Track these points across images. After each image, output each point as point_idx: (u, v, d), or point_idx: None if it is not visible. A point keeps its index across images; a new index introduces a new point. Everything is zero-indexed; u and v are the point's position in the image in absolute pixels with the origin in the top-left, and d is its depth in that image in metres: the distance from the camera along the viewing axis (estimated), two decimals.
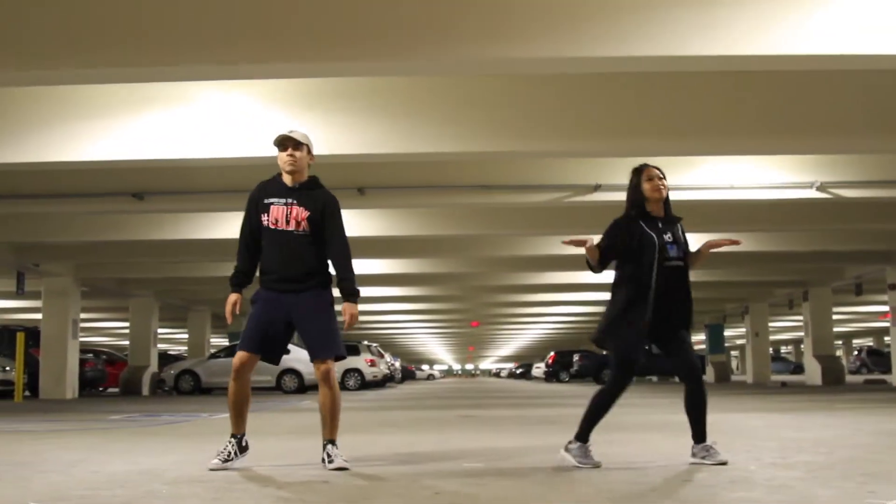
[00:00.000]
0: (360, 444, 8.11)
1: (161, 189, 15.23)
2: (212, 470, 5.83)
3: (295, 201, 6.05)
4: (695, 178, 14.82)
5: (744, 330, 39.78)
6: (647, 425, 10.17)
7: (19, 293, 23.79)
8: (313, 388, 27.94)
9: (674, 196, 15.61)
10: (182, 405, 17.60)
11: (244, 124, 11.69)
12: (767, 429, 9.59)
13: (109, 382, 30.52)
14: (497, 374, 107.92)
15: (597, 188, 14.92)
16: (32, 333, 24.86)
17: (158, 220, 18.71)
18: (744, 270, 28.09)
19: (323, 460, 5.99)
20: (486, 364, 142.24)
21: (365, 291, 27.38)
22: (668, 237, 6.07)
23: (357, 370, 32.20)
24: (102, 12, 8.85)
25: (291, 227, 6.00)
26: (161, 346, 37.35)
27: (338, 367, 24.05)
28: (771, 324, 42.80)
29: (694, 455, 5.94)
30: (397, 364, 48.36)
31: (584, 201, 15.40)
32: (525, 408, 15.72)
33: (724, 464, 5.77)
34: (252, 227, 6.14)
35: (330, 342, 6.04)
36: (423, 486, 5.15)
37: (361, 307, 27.09)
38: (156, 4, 8.81)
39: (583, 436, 6.01)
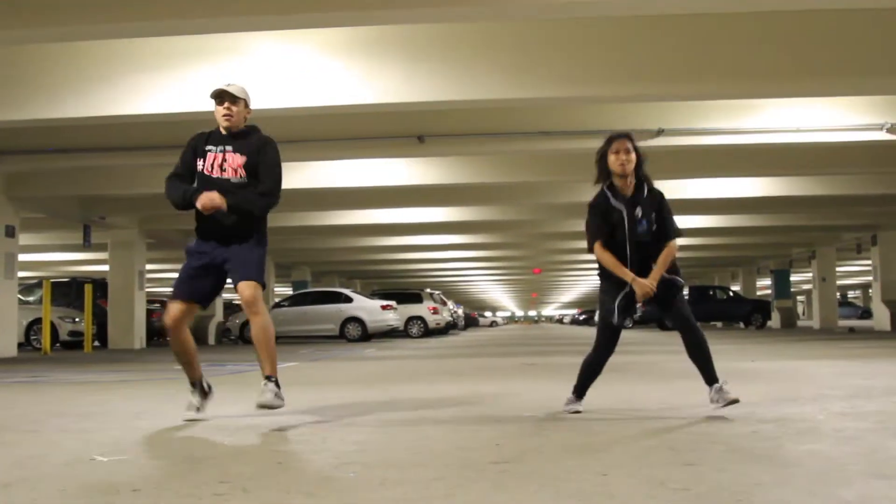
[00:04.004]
0: (422, 392, 8.13)
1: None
2: (187, 421, 5.95)
3: (231, 148, 5.97)
4: (760, 121, 14.55)
5: (810, 275, 39.23)
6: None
7: (86, 245, 24.15)
8: (377, 336, 28.17)
9: (738, 140, 15.47)
10: (247, 354, 17.78)
11: (302, 74, 11.67)
12: (835, 376, 9.43)
13: None
14: (560, 321, 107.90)
15: (660, 133, 14.69)
16: (100, 285, 25.30)
17: None
18: (810, 215, 27.62)
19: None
20: (549, 311, 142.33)
21: (426, 239, 27.62)
22: (637, 212, 5.94)
23: (420, 318, 32.40)
24: None
25: (228, 175, 5.92)
26: (226, 295, 37.76)
27: (401, 315, 24.13)
28: (838, 268, 42.19)
29: (711, 400, 5.83)
30: (460, 311, 48.51)
31: (646, 146, 15.03)
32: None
33: (735, 401, 5.70)
34: (186, 164, 6.08)
35: (253, 267, 5.92)
36: (484, 437, 5.12)
37: (424, 255, 27.43)
38: None
39: (579, 391, 6.23)
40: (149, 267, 28.06)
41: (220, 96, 6.01)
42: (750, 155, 17.65)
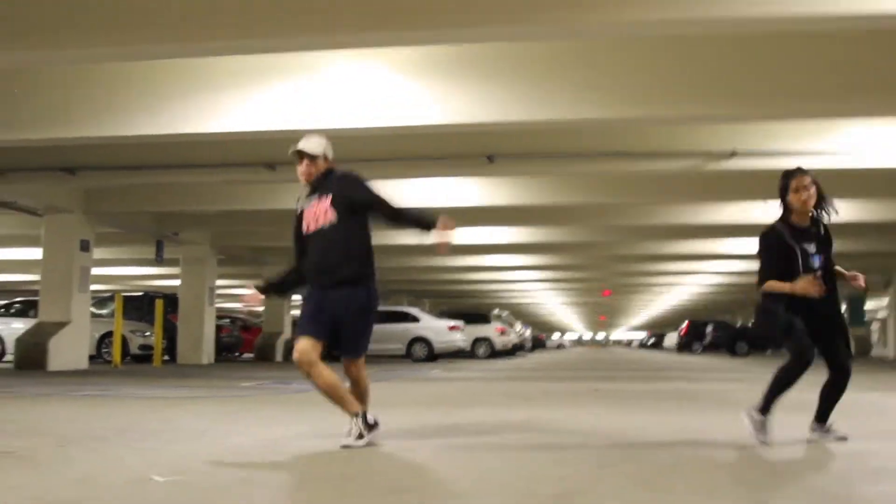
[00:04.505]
0: (486, 417, 8.03)
1: (293, 159, 15.35)
2: (345, 447, 5.68)
3: (317, 196, 6.10)
4: (834, 143, 14.19)
5: (886, 301, 38.34)
6: (788, 404, 9.78)
7: (158, 261, 24.44)
8: (443, 356, 28.10)
9: (814, 162, 15.10)
10: None
11: (375, 93, 11.66)
12: None
13: (245, 348, 31.25)
14: (628, 344, 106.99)
15: (733, 155, 14.44)
16: (171, 300, 25.56)
17: (292, 189, 18.90)
18: (886, 240, 26.98)
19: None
20: (618, 333, 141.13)
21: (495, 259, 27.33)
22: (811, 248, 6.01)
23: (487, 339, 32.19)
24: None
25: (321, 223, 6.01)
26: (295, 312, 37.98)
27: (468, 335, 24.27)
28: None
29: (812, 429, 6.11)
30: (527, 333, 48.20)
31: (719, 168, 14.94)
32: (656, 381, 15.42)
33: (844, 439, 5.91)
34: (296, 236, 6.26)
35: (361, 340, 6.08)
36: (547, 467, 5.00)
37: (493, 275, 27.11)
38: None
39: (765, 408, 6.00)
40: (219, 282, 28.33)
41: (299, 155, 6.12)
42: (824, 178, 17.11)
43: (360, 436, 5.74)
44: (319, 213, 6.01)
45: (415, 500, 3.99)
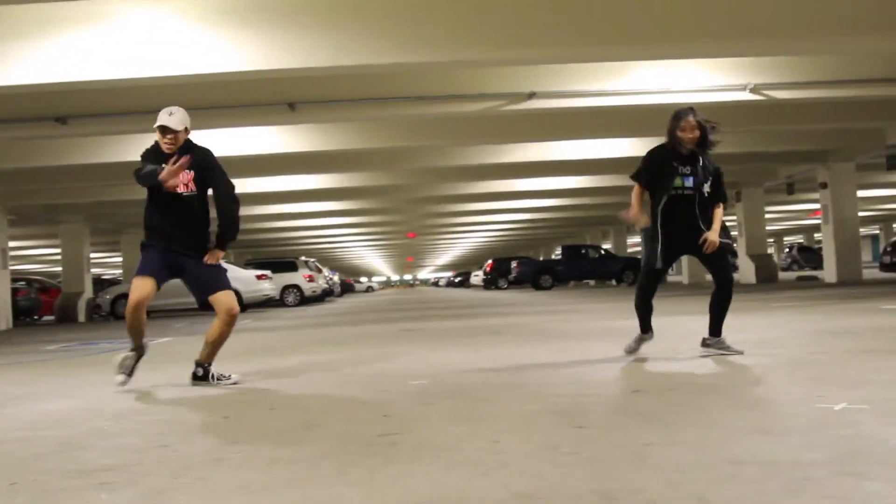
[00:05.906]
0: (303, 364, 8.03)
1: (85, 112, 14.82)
2: (121, 385, 6.46)
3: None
4: (628, 83, 14.76)
5: None
6: (591, 332, 10.20)
7: None
8: (252, 306, 27.83)
9: (608, 102, 15.62)
10: (119, 330, 17.33)
11: (170, 42, 11.36)
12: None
13: (44, 310, 30.11)
14: (436, 284, 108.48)
15: (531, 96, 14.79)
16: None
17: (85, 143, 18.26)
18: None
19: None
20: (425, 274, 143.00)
21: (299, 207, 27.11)
22: (686, 170, 6.79)
23: (296, 286, 32.08)
24: None
25: (181, 190, 6.45)
26: (95, 270, 36.78)
27: (276, 284, 24.52)
28: None
29: (707, 346, 6.94)
30: (336, 278, 48.26)
31: (518, 109, 15.29)
32: (466, 318, 15.75)
33: (740, 353, 6.80)
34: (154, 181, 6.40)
35: (223, 279, 6.85)
36: (370, 409, 5.08)
37: (298, 222, 27.19)
38: None
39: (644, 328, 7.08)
40: (12, 244, 27.13)
41: (163, 130, 6.46)
42: (620, 116, 17.91)
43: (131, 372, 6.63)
44: (181, 180, 6.40)
45: (242, 451, 3.99)
